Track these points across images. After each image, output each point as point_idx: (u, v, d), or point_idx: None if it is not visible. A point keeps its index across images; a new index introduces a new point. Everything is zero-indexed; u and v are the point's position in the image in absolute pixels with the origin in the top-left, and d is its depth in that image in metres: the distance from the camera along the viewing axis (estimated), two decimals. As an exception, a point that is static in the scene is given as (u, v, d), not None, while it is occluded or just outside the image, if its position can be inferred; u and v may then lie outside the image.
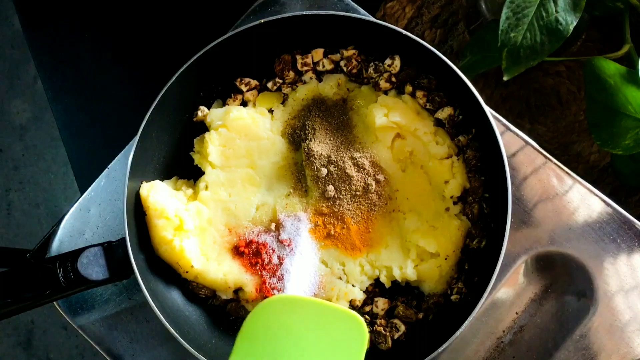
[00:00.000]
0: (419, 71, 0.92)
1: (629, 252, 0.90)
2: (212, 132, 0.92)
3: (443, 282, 0.89)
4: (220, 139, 0.92)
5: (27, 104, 2.20)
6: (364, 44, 0.93)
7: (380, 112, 0.89)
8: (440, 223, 0.89)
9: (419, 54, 0.87)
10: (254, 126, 0.92)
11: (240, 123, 0.91)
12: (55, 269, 0.83)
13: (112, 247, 0.86)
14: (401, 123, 0.89)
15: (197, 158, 0.94)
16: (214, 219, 0.91)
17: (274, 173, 0.93)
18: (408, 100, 0.91)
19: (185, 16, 1.19)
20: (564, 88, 1.07)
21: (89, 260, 0.84)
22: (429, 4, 1.11)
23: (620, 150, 0.88)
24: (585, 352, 0.89)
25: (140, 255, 0.86)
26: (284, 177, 0.93)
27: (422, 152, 0.90)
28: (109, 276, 0.85)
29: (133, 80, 1.20)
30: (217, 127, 0.92)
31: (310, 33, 0.91)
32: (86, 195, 0.97)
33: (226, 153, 0.92)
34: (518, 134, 0.94)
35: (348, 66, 0.93)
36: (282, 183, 0.92)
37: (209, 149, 0.91)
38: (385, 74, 0.91)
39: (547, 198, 0.92)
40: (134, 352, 0.93)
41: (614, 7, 0.95)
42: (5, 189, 2.18)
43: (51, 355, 2.08)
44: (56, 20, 1.22)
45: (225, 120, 0.91)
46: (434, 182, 0.90)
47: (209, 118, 0.93)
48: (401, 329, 0.88)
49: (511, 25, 0.85)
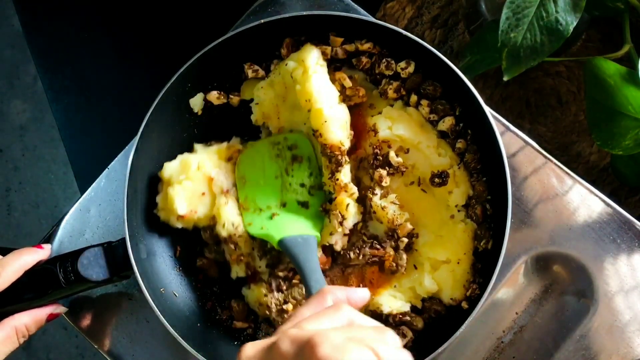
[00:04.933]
0: (424, 77, 0.91)
1: (629, 252, 0.90)
2: (175, 187, 0.89)
3: (459, 286, 0.87)
4: (185, 192, 0.89)
5: (27, 104, 2.20)
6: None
7: (385, 124, 0.89)
8: (445, 231, 0.88)
9: (419, 54, 0.87)
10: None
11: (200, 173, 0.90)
12: (56, 270, 0.83)
13: (112, 247, 0.86)
14: (404, 136, 0.88)
15: (163, 215, 0.90)
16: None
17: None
18: (412, 112, 0.90)
19: (185, 16, 1.19)
20: (564, 88, 1.07)
21: (89, 261, 0.84)
22: (428, 5, 1.11)
23: (620, 151, 0.88)
24: (585, 352, 0.89)
25: (140, 256, 0.86)
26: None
27: (424, 165, 0.89)
28: (109, 276, 0.85)
29: (133, 80, 1.20)
30: (181, 180, 0.89)
31: (311, 33, 0.91)
32: (86, 195, 0.97)
33: (194, 203, 0.90)
34: (518, 134, 0.93)
35: (359, 64, 0.92)
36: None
37: (175, 205, 0.88)
38: (394, 83, 0.90)
39: (547, 198, 0.92)
40: (134, 352, 0.93)
41: (614, 7, 0.95)
42: (5, 189, 2.18)
43: (51, 355, 2.08)
44: (56, 20, 1.22)
45: (187, 173, 0.89)
46: (437, 194, 0.90)
47: (167, 174, 0.90)
48: (408, 335, 0.88)
49: (511, 25, 0.85)
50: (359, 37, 0.91)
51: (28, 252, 0.86)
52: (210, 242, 0.93)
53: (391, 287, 0.89)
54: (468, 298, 0.86)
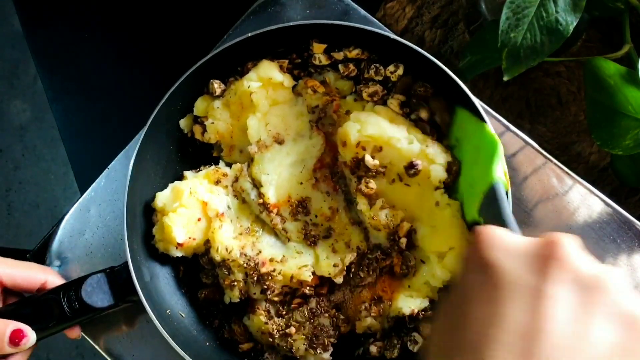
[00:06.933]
0: (415, 78, 0.89)
1: (629, 252, 0.90)
2: (170, 215, 0.87)
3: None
4: (181, 219, 0.88)
5: (27, 104, 2.20)
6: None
7: (354, 128, 0.86)
8: (436, 220, 0.86)
9: (410, 57, 0.86)
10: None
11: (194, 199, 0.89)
12: (60, 299, 0.82)
13: (115, 272, 0.86)
14: (375, 135, 0.86)
15: (162, 246, 0.89)
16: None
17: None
18: (381, 109, 0.88)
19: (185, 16, 1.19)
20: (564, 88, 1.07)
21: (93, 288, 0.84)
22: (429, 5, 1.11)
23: (620, 151, 0.88)
24: (585, 352, 0.89)
25: (144, 279, 0.86)
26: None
27: (399, 159, 0.86)
28: (114, 302, 0.84)
29: (133, 81, 1.20)
30: (175, 209, 0.88)
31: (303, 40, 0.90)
32: (86, 195, 0.97)
33: (191, 229, 0.89)
34: (518, 134, 0.93)
35: (345, 71, 0.90)
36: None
37: (173, 234, 0.87)
38: (371, 87, 0.89)
39: (547, 198, 0.92)
40: (134, 352, 0.93)
41: (614, 7, 0.95)
42: (5, 189, 2.18)
43: (51, 355, 2.08)
44: (56, 20, 1.22)
45: (180, 200, 0.88)
46: (421, 182, 0.87)
47: (160, 203, 0.89)
48: (420, 341, 0.87)
49: (511, 25, 0.85)
50: (348, 44, 0.90)
51: (42, 270, 0.86)
52: (208, 266, 0.91)
53: (405, 288, 0.88)
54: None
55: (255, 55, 0.90)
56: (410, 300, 0.87)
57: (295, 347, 0.87)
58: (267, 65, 0.90)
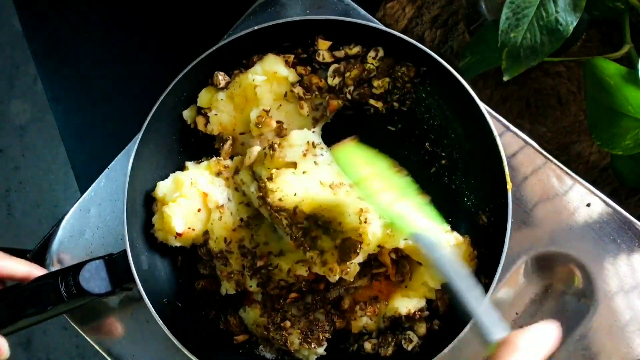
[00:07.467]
0: (396, 60, 0.90)
1: (629, 252, 0.90)
2: (170, 205, 0.87)
3: (468, 259, 0.86)
4: (181, 210, 0.88)
5: (27, 104, 2.20)
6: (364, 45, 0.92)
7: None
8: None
9: (417, 57, 0.87)
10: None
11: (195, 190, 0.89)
12: (57, 284, 0.83)
13: (114, 259, 0.86)
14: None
15: (161, 235, 0.89)
16: None
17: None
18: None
19: (185, 16, 1.19)
20: (564, 88, 1.07)
21: (91, 274, 0.84)
22: (429, 5, 1.11)
23: (620, 151, 0.88)
24: (585, 352, 0.89)
25: (142, 267, 0.86)
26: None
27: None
28: (112, 289, 0.85)
29: (133, 80, 1.20)
30: (175, 199, 0.88)
31: (307, 35, 0.91)
32: (86, 195, 0.97)
33: (191, 220, 0.89)
34: (518, 134, 0.94)
35: (349, 69, 0.91)
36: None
37: (172, 223, 0.87)
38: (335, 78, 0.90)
39: (547, 198, 0.92)
40: (134, 352, 0.93)
41: (614, 7, 0.95)
42: (5, 189, 2.18)
43: (51, 355, 2.08)
44: (56, 20, 1.22)
45: (181, 190, 0.88)
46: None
47: (161, 193, 0.89)
48: (414, 340, 0.87)
49: (511, 25, 0.85)
50: (349, 41, 0.90)
51: (17, 261, 0.86)
52: (206, 257, 0.92)
53: (402, 289, 0.88)
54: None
55: (260, 49, 0.91)
56: (407, 300, 0.87)
57: (290, 340, 0.87)
58: (272, 59, 0.90)
